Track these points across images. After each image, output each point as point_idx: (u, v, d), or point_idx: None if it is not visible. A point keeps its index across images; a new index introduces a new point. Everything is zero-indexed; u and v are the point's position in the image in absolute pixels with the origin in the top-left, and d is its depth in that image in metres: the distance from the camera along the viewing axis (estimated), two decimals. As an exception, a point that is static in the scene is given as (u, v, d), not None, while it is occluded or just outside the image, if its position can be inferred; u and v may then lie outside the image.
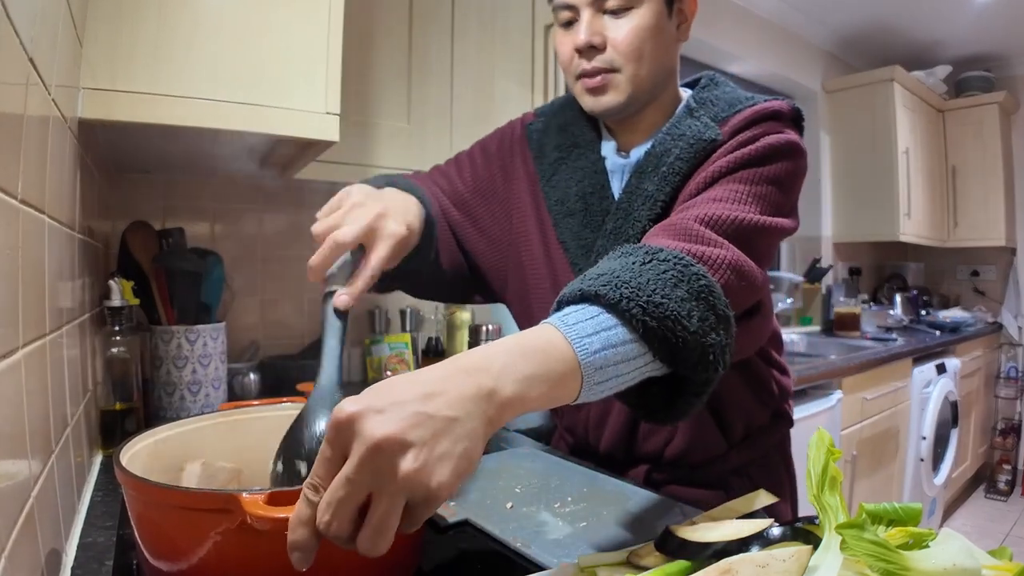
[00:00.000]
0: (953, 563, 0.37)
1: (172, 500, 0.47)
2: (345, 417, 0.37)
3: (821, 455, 0.44)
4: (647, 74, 0.74)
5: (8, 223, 0.43)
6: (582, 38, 0.72)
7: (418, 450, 0.37)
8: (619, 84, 0.74)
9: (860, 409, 2.17)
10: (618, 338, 0.48)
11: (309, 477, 0.38)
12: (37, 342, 0.52)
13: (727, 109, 0.75)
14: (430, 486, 0.37)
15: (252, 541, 0.43)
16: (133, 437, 0.58)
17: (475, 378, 0.40)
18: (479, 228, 0.87)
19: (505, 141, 0.90)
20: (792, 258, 3.30)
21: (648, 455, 0.84)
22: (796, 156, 0.71)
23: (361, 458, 0.36)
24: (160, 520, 0.48)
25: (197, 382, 1.10)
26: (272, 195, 1.54)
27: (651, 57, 0.74)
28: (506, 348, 0.43)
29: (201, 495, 0.48)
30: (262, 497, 0.42)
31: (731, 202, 0.64)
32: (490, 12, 1.52)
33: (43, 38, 0.54)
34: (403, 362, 1.62)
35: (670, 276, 0.51)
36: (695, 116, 0.76)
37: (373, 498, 0.37)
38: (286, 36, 0.90)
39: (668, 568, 0.44)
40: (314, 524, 0.38)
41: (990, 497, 3.36)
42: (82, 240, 0.82)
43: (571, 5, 0.74)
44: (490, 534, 0.64)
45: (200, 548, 0.45)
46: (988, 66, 3.48)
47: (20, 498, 0.45)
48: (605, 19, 0.73)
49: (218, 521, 0.44)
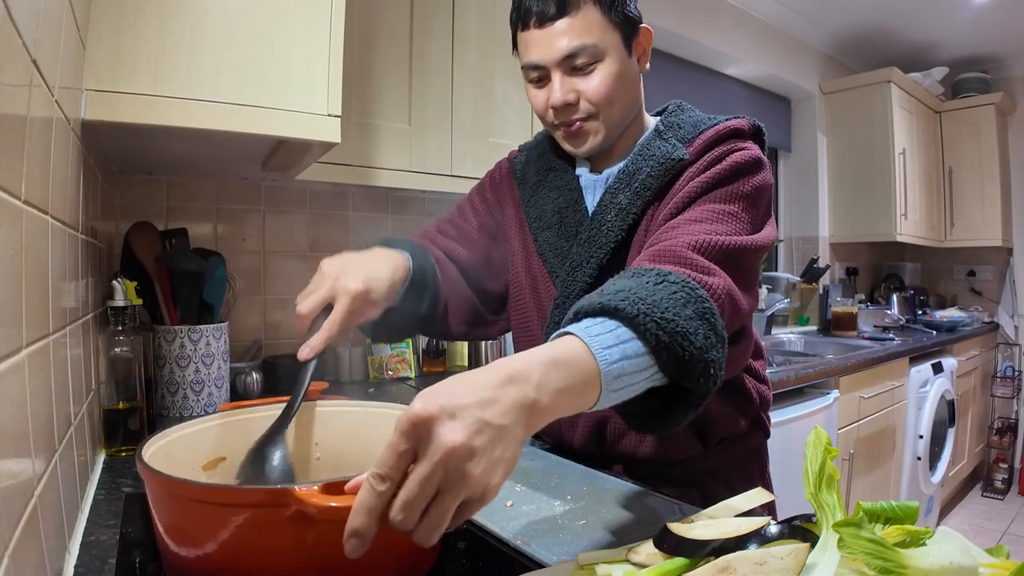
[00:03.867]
0: (950, 561, 0.37)
1: (224, 498, 0.47)
2: (421, 418, 0.40)
3: (818, 454, 0.45)
4: (619, 114, 0.81)
5: (12, 224, 0.44)
6: (557, 98, 0.78)
7: (480, 455, 0.40)
8: (596, 129, 0.81)
9: (857, 408, 2.18)
10: (633, 350, 0.51)
11: (376, 467, 0.40)
12: (40, 342, 0.52)
13: (692, 131, 0.82)
14: (487, 488, 0.41)
15: (301, 533, 0.45)
16: (147, 440, 0.58)
17: (521, 388, 0.44)
18: (487, 262, 0.95)
19: (495, 178, 1.00)
20: (789, 258, 3.30)
21: (621, 454, 0.87)
22: (760, 169, 0.76)
23: (438, 462, 0.39)
24: (202, 518, 0.47)
25: (200, 381, 1.10)
26: (274, 196, 1.54)
27: (621, 99, 0.80)
28: (542, 359, 0.46)
29: (251, 491, 0.48)
30: (317, 488, 0.44)
31: (710, 223, 0.70)
32: (490, 13, 1.52)
33: (46, 40, 0.54)
34: (404, 362, 1.63)
35: (680, 297, 0.56)
36: (664, 138, 0.83)
37: (438, 495, 0.40)
38: (288, 38, 0.91)
39: (666, 565, 0.44)
40: (377, 512, 0.40)
41: (987, 496, 3.37)
42: (85, 241, 0.82)
43: (541, 66, 0.79)
44: (490, 532, 0.64)
45: (247, 544, 0.46)
46: (984, 67, 3.49)
47: (23, 497, 0.45)
48: (574, 77, 0.78)
49: (272, 515, 0.45)
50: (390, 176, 1.36)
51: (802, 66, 3.13)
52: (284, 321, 1.55)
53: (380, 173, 1.35)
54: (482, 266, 0.95)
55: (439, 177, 1.44)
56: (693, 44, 2.56)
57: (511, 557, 0.59)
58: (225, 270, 1.24)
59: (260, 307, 1.53)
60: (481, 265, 0.95)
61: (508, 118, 1.56)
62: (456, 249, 0.94)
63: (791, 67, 3.05)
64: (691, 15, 2.51)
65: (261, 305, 1.53)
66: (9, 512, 0.41)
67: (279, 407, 0.70)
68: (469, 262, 0.94)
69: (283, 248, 1.56)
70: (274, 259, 1.55)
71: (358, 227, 1.68)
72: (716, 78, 2.83)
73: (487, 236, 0.96)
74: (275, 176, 1.37)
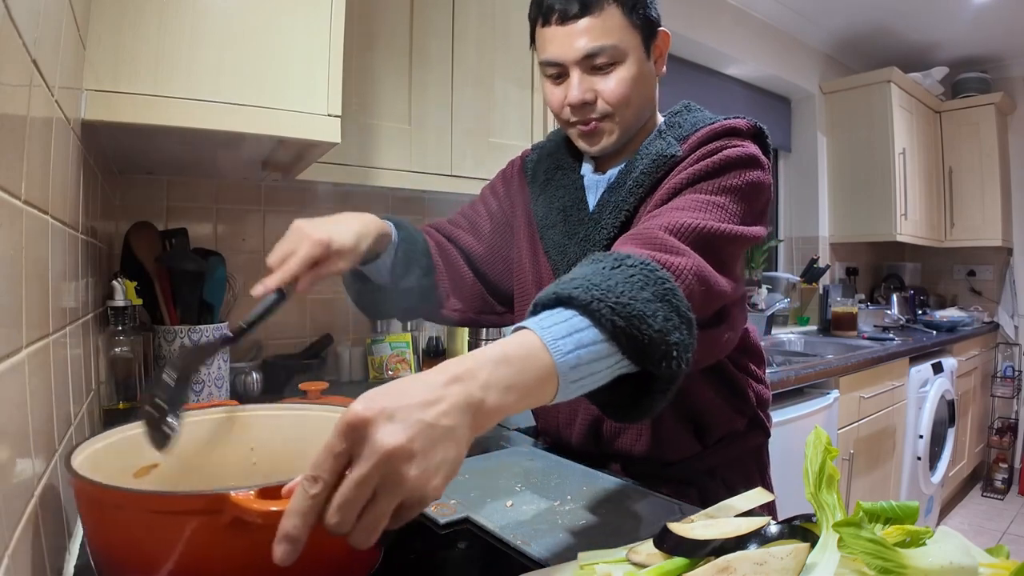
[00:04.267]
0: (950, 561, 0.38)
1: (154, 505, 0.45)
2: (358, 419, 0.39)
3: (818, 454, 0.45)
4: (634, 115, 0.82)
5: (12, 224, 0.44)
6: (575, 96, 0.78)
7: (420, 458, 0.39)
8: (611, 129, 0.81)
9: (857, 408, 2.18)
10: (589, 338, 0.50)
11: (310, 469, 0.39)
12: (40, 342, 0.52)
13: (689, 129, 0.82)
14: (426, 491, 0.40)
15: (238, 539, 0.43)
16: (76, 447, 0.55)
17: (466, 387, 0.43)
18: (496, 254, 0.96)
19: (507, 175, 1.01)
20: (789, 258, 3.30)
21: (617, 452, 0.87)
22: (754, 167, 0.74)
23: (374, 464, 0.38)
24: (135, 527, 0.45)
25: (200, 381, 1.10)
26: (274, 196, 1.54)
27: (637, 101, 0.80)
28: (491, 357, 0.46)
29: (187, 498, 0.46)
30: (253, 493, 0.43)
31: (692, 211, 0.68)
32: (490, 13, 1.52)
33: (46, 40, 0.54)
34: (404, 362, 1.62)
35: (637, 279, 0.54)
36: (663, 138, 0.83)
37: (375, 498, 0.39)
38: (288, 38, 0.91)
39: (666, 565, 0.44)
40: (310, 516, 0.39)
41: (987, 495, 3.37)
42: (85, 241, 0.82)
43: (560, 63, 0.79)
44: (490, 532, 0.64)
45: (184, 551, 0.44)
46: (984, 67, 3.49)
47: (24, 497, 0.45)
48: (593, 77, 0.78)
49: (206, 522, 0.43)
50: (390, 176, 1.36)
51: (802, 66, 3.13)
52: (283, 321, 1.55)
53: (380, 173, 1.35)
54: (490, 256, 0.96)
55: (439, 177, 1.44)
56: (693, 44, 2.56)
57: (511, 557, 0.59)
58: (225, 270, 1.24)
59: (260, 307, 1.53)
60: (489, 255, 0.96)
61: (508, 118, 1.56)
62: (463, 236, 0.95)
63: (791, 67, 3.05)
64: (691, 15, 2.51)
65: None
66: (9, 512, 0.41)
67: (214, 411, 0.68)
68: (476, 250, 0.95)
69: (283, 248, 1.56)
70: (274, 259, 1.55)
71: (358, 227, 1.68)
72: (716, 78, 2.83)
73: (497, 229, 0.97)
74: (275, 176, 1.37)
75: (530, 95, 1.60)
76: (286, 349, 1.53)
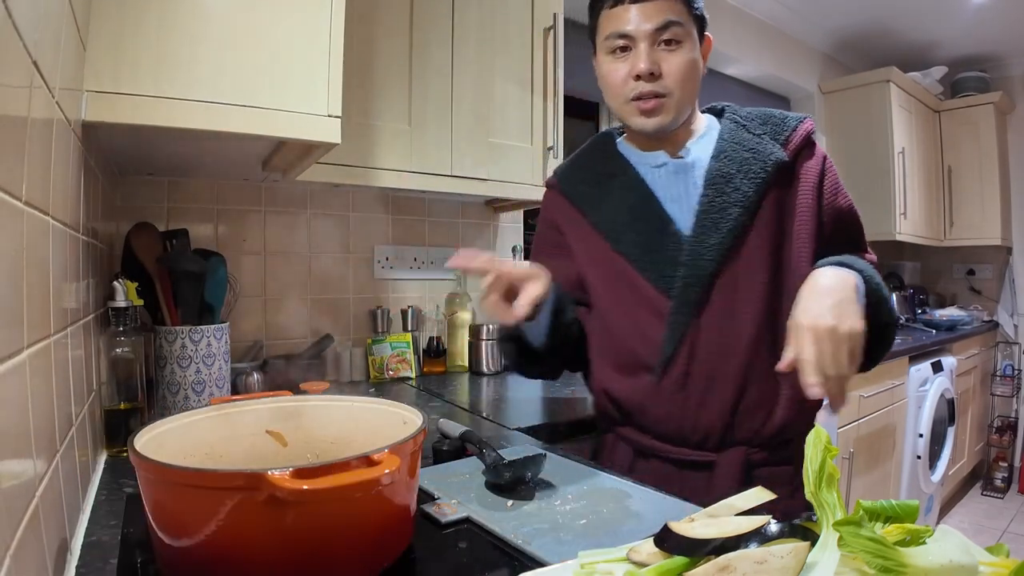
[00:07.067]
0: (950, 559, 0.38)
1: (199, 480, 0.49)
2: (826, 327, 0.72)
3: (818, 452, 0.45)
4: (688, 98, 0.90)
5: (12, 225, 0.44)
6: (644, 66, 0.86)
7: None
8: (668, 107, 0.89)
9: (857, 407, 2.18)
10: (861, 289, 0.79)
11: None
12: (42, 343, 0.52)
13: (780, 126, 0.93)
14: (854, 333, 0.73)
15: (271, 516, 0.47)
16: (139, 430, 0.60)
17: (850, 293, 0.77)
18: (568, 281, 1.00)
19: (544, 211, 1.07)
20: (790, 258, 3.30)
21: (746, 436, 0.88)
22: None
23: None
24: (182, 501, 0.50)
25: (201, 382, 1.10)
26: (275, 196, 1.54)
27: (691, 86, 0.90)
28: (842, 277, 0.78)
29: (227, 475, 0.49)
30: (288, 473, 0.46)
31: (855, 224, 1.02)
32: (490, 14, 1.52)
33: (46, 41, 0.54)
34: (404, 361, 1.63)
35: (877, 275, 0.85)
36: (750, 131, 0.93)
37: None
38: (288, 39, 0.91)
39: (666, 565, 0.44)
40: None
41: (986, 494, 3.37)
42: (86, 241, 0.82)
43: (629, 35, 0.87)
44: (490, 531, 0.64)
45: (224, 524, 0.48)
46: (984, 67, 3.49)
47: (25, 497, 0.45)
48: (659, 51, 0.87)
49: (245, 497, 0.47)
50: (390, 176, 1.36)
51: (801, 66, 3.13)
52: (284, 322, 1.56)
53: (380, 173, 1.35)
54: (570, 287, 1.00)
55: (439, 177, 1.44)
56: (692, 44, 2.56)
57: (511, 557, 0.59)
58: (226, 270, 1.24)
59: (261, 307, 1.53)
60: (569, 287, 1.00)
61: (508, 118, 1.56)
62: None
63: (790, 67, 3.05)
64: (690, 15, 2.51)
65: (262, 305, 1.53)
66: (11, 512, 0.41)
67: (270, 400, 0.73)
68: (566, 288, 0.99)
69: (284, 249, 1.56)
70: (275, 259, 1.55)
71: (358, 227, 1.68)
72: (715, 78, 2.83)
73: (562, 263, 1.01)
74: (275, 177, 1.37)
75: (530, 96, 1.60)
76: (287, 349, 1.53)
